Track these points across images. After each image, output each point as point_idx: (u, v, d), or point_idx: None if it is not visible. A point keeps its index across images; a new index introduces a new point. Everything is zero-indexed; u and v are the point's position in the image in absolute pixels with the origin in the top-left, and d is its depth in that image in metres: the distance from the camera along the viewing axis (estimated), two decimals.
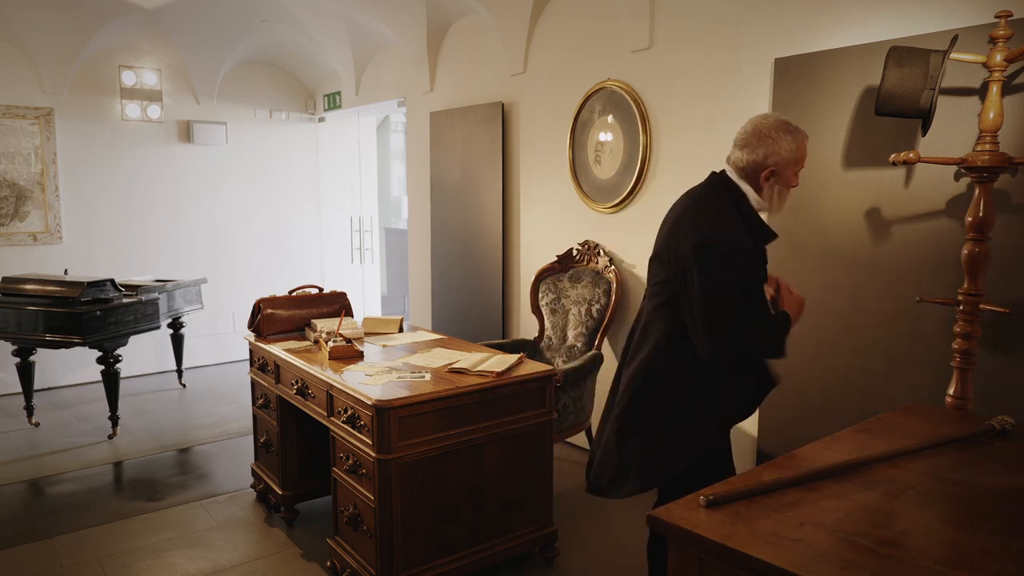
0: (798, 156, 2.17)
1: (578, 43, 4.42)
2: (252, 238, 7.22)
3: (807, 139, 2.20)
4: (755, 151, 2.16)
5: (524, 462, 3.01)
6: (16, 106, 5.89)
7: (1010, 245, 2.63)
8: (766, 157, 2.14)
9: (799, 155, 2.17)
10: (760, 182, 2.18)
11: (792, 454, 1.83)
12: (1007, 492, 1.59)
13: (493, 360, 3.07)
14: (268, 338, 3.64)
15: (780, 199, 2.21)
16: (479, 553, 2.93)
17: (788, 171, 2.17)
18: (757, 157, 2.15)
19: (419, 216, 6.17)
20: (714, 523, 1.43)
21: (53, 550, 3.37)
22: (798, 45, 3.27)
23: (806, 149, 2.19)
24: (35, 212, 6.03)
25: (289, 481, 3.57)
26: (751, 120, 2.22)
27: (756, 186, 2.19)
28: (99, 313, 4.68)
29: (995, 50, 2.43)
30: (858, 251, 3.09)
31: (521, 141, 4.93)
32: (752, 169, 2.17)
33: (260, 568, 3.19)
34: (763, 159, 2.15)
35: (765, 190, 2.18)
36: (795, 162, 2.18)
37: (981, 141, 2.48)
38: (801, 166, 2.20)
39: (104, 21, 5.79)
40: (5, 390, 5.94)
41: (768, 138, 2.14)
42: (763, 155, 2.15)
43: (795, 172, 2.19)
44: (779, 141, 2.14)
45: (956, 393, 2.58)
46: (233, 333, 7.08)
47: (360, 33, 6.13)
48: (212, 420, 5.31)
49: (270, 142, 7.27)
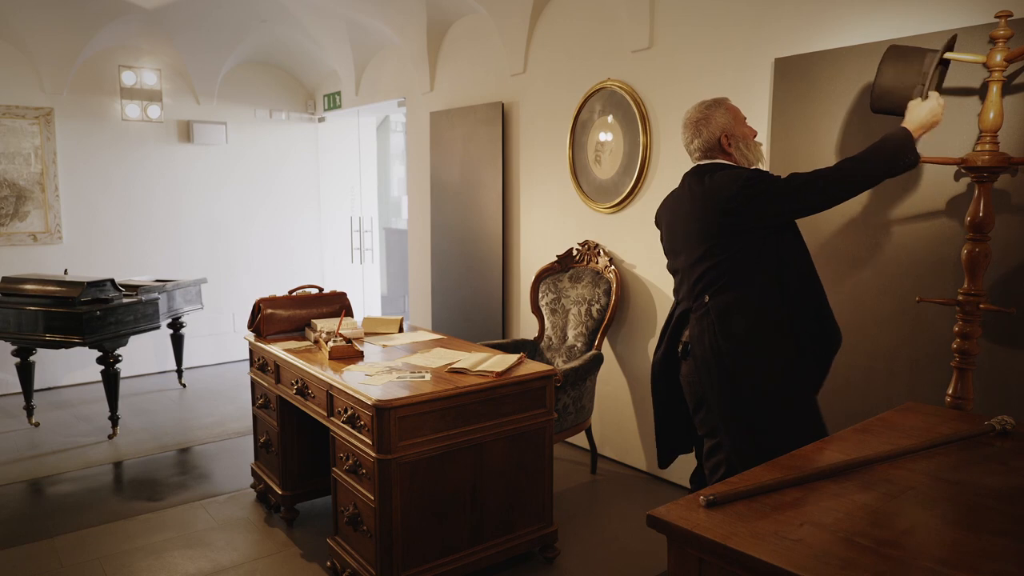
0: (734, 114, 2.48)
1: (578, 43, 4.42)
2: (252, 238, 7.22)
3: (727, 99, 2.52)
4: (702, 135, 2.47)
5: (524, 462, 3.01)
6: (16, 106, 5.89)
7: (1010, 245, 2.63)
8: (712, 133, 2.45)
9: (733, 112, 2.49)
10: (727, 151, 2.46)
11: (792, 454, 1.83)
12: (1007, 492, 1.59)
13: (493, 360, 3.07)
14: (268, 338, 3.64)
15: (753, 150, 2.49)
16: (479, 553, 2.93)
17: (738, 129, 2.46)
18: (708, 137, 2.46)
19: (419, 216, 6.17)
20: (714, 523, 1.43)
21: (53, 550, 3.37)
22: (798, 45, 3.27)
23: (734, 105, 2.51)
24: (35, 212, 6.03)
25: (289, 481, 3.57)
26: (683, 121, 2.53)
27: (727, 156, 2.47)
28: (99, 313, 4.68)
29: (995, 50, 2.43)
30: (858, 251, 3.09)
31: (521, 141, 4.93)
32: (712, 147, 2.46)
33: (260, 568, 3.19)
34: (713, 135, 2.45)
35: (735, 154, 2.46)
36: (736, 120, 2.48)
37: (981, 141, 2.48)
38: (744, 119, 2.50)
39: (104, 21, 5.79)
40: (5, 390, 5.94)
41: (702, 120, 2.47)
42: (709, 133, 2.46)
43: (744, 125, 2.48)
44: (711, 116, 2.46)
45: (956, 393, 2.58)
46: (233, 333, 7.08)
47: (360, 33, 6.13)
48: (212, 420, 5.31)
49: (270, 142, 7.27)
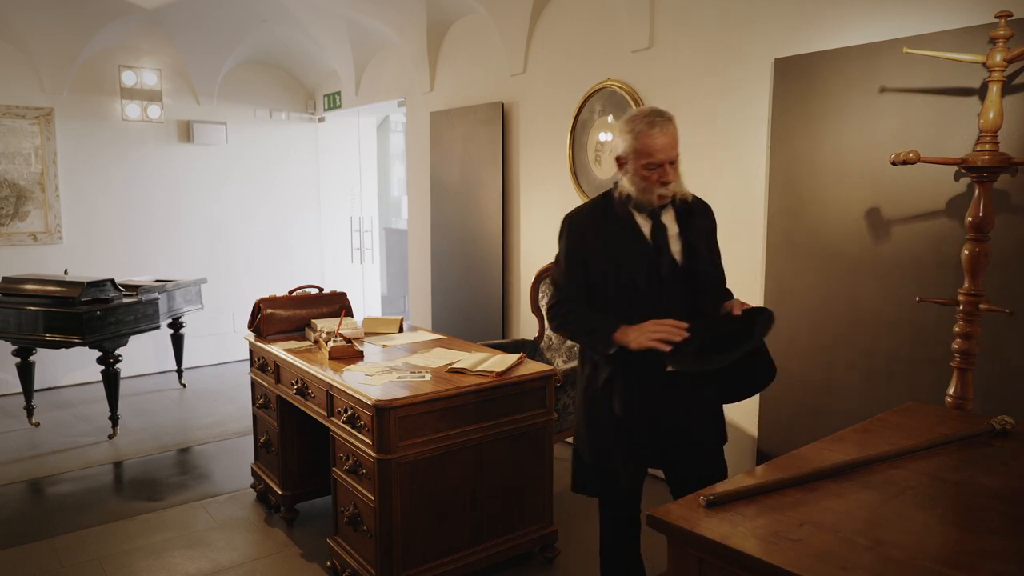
0: (636, 149, 2.15)
1: (578, 43, 4.42)
2: (252, 238, 7.22)
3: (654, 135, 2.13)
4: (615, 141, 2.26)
5: (524, 462, 3.01)
6: (16, 106, 5.89)
7: (1010, 245, 2.63)
8: (616, 147, 2.24)
9: (637, 148, 2.15)
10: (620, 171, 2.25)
11: (792, 454, 1.83)
12: (1007, 492, 1.59)
13: (493, 360, 3.07)
14: (268, 338, 3.64)
15: (636, 187, 2.20)
16: (479, 553, 2.93)
17: (633, 162, 2.18)
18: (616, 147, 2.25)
19: (419, 216, 6.17)
20: (714, 523, 1.43)
21: (53, 550, 3.37)
22: (798, 45, 3.27)
23: (647, 145, 2.13)
24: (35, 212, 6.03)
25: (289, 481, 3.57)
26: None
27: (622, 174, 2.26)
28: (99, 313, 4.68)
29: (995, 50, 2.43)
30: (858, 251, 3.09)
31: (521, 141, 4.93)
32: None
33: (260, 568, 3.19)
34: (616, 149, 2.24)
35: (623, 178, 2.24)
36: (635, 154, 2.16)
37: (981, 141, 2.48)
38: (645, 159, 2.14)
39: (104, 21, 5.79)
40: (5, 390, 5.94)
41: (617, 131, 2.24)
42: (615, 145, 2.25)
43: (642, 165, 2.15)
44: (621, 134, 2.20)
45: (956, 393, 2.58)
46: (233, 333, 7.08)
47: (360, 33, 6.13)
48: (212, 420, 5.31)
49: (270, 142, 7.27)
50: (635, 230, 2.23)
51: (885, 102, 2.95)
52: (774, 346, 3.39)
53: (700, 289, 2.25)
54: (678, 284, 2.23)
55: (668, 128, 2.15)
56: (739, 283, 3.55)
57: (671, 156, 2.16)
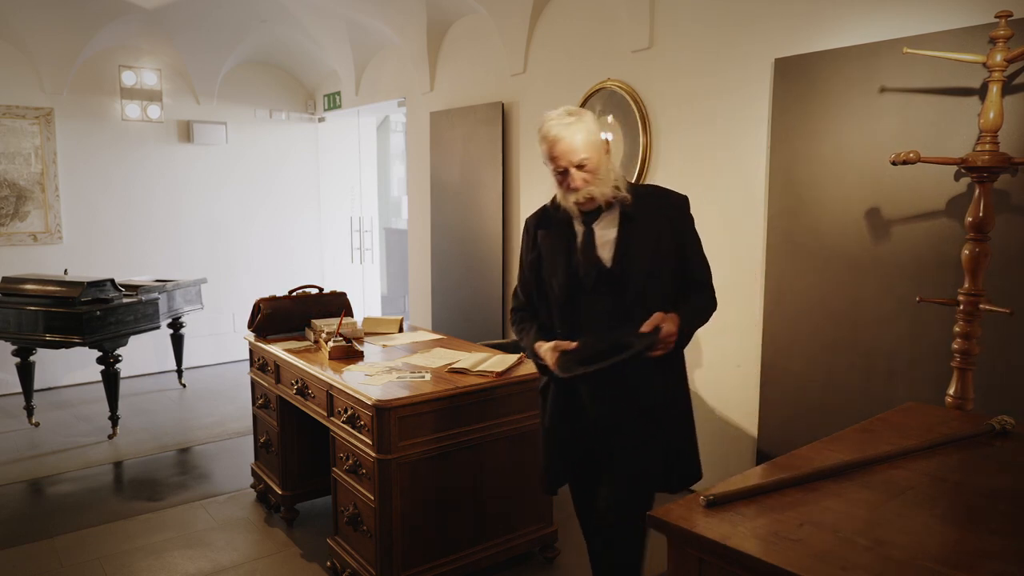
0: (543, 154, 2.13)
1: (578, 43, 4.42)
2: (252, 238, 7.22)
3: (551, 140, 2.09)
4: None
5: (524, 462, 3.01)
6: (16, 106, 5.89)
7: (1010, 245, 2.63)
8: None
9: (543, 153, 2.13)
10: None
11: (792, 454, 1.83)
12: (1007, 492, 1.58)
13: (493, 360, 3.07)
14: (268, 338, 3.64)
15: (558, 194, 2.18)
16: (479, 553, 2.93)
17: (550, 167, 2.14)
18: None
19: (419, 216, 6.17)
20: (714, 523, 1.43)
21: (53, 550, 3.37)
22: (798, 45, 3.27)
23: (547, 150, 2.11)
24: (35, 212, 6.03)
25: (289, 481, 3.57)
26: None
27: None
28: (99, 313, 4.68)
29: (995, 50, 2.44)
30: (858, 251, 3.09)
31: (521, 141, 4.93)
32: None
33: (260, 568, 3.19)
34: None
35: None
36: (545, 159, 2.13)
37: (981, 141, 2.48)
38: (552, 165, 2.12)
39: (104, 21, 5.79)
40: (5, 390, 5.94)
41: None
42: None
43: (552, 171, 2.13)
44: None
45: (956, 393, 2.58)
46: (233, 333, 7.08)
47: (360, 33, 6.13)
48: (212, 420, 5.31)
49: (270, 142, 7.27)
50: (567, 236, 2.19)
51: (885, 102, 2.95)
52: (774, 345, 3.41)
53: (629, 297, 2.14)
54: (609, 290, 2.15)
55: (570, 131, 2.07)
56: (739, 283, 3.56)
57: (574, 161, 2.07)
